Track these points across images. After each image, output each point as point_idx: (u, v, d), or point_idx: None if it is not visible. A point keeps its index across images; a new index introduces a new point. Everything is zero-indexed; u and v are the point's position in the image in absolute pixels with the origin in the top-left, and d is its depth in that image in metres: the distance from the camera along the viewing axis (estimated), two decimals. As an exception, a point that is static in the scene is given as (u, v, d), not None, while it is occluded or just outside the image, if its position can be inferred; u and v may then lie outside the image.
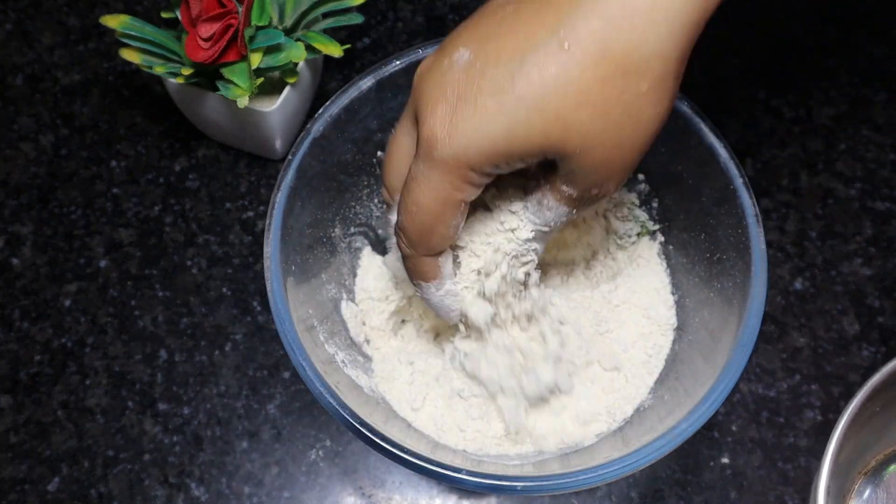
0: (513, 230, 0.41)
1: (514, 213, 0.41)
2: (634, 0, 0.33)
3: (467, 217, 0.40)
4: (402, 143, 0.40)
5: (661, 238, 0.51)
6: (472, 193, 0.38)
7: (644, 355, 0.48)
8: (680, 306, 0.50)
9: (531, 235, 0.41)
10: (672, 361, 0.48)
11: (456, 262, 0.43)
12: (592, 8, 0.33)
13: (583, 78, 0.34)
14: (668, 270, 0.51)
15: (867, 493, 0.49)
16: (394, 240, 0.41)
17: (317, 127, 0.47)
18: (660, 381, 0.47)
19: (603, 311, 0.50)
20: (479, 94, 0.34)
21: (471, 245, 0.43)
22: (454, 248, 0.43)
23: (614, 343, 0.49)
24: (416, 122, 0.37)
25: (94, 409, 0.53)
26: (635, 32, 0.33)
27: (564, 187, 0.38)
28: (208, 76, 0.53)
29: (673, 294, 0.50)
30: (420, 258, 0.40)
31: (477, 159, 0.35)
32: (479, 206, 0.42)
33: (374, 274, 0.52)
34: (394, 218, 0.41)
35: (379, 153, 0.51)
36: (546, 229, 0.41)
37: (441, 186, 0.36)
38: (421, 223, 0.38)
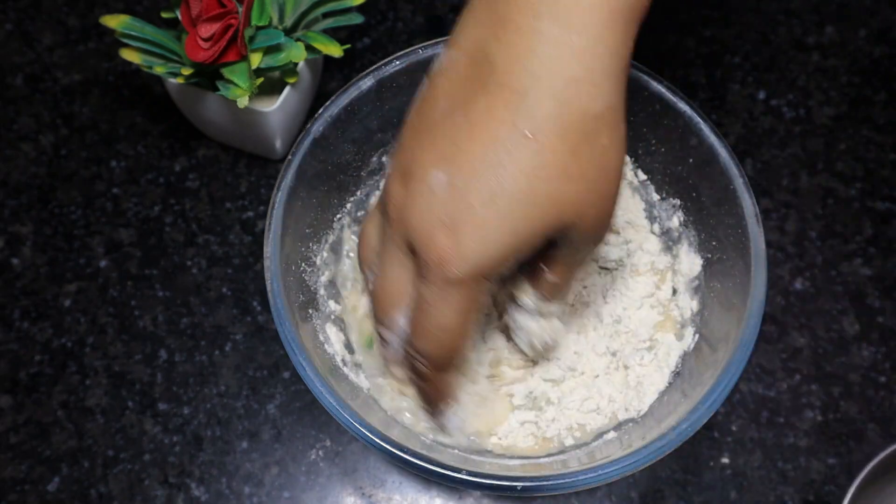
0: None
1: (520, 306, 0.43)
2: (573, 69, 0.35)
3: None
4: (372, 232, 0.41)
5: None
6: (487, 301, 0.39)
7: (644, 355, 0.48)
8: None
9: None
10: (673, 361, 0.48)
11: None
12: (538, 89, 0.35)
13: (556, 156, 0.35)
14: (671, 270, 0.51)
15: None
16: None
17: (317, 127, 0.47)
18: (660, 381, 0.47)
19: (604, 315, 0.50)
20: (472, 209, 0.36)
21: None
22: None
23: (621, 339, 0.49)
24: (411, 250, 0.38)
25: (94, 409, 0.53)
26: (583, 98, 0.35)
27: (567, 259, 0.40)
28: (208, 76, 0.53)
29: (674, 294, 0.50)
30: (442, 377, 0.41)
31: (491, 267, 0.36)
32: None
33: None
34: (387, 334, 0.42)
35: (384, 158, 0.51)
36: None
37: (463, 304, 0.37)
38: (449, 344, 0.39)
